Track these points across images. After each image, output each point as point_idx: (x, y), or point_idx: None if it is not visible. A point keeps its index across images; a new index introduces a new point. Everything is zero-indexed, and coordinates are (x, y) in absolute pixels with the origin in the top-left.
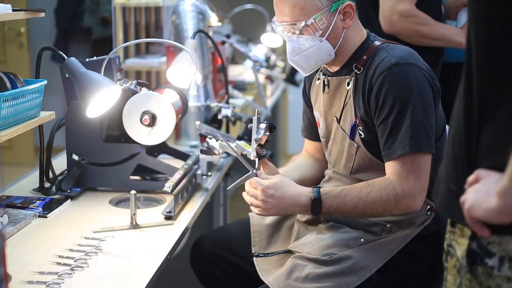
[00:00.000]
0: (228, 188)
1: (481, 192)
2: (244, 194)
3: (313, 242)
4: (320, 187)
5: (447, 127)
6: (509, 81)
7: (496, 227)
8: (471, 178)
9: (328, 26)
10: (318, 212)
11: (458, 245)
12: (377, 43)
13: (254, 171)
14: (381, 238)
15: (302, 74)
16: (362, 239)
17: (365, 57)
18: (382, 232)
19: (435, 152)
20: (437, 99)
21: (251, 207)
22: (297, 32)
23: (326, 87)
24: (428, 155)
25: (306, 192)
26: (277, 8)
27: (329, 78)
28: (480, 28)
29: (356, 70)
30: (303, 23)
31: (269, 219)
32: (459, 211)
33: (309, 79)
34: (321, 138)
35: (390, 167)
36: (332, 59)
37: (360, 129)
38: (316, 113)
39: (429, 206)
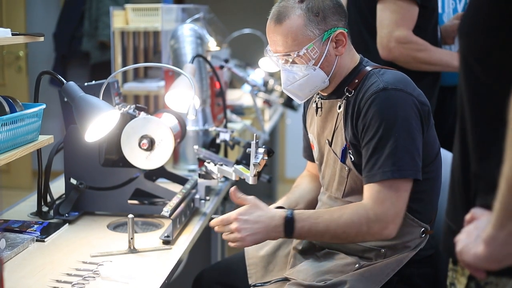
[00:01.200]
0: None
1: (472, 235)
2: (216, 228)
3: (309, 268)
4: (294, 209)
5: (442, 150)
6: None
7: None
8: (467, 217)
9: (321, 54)
10: (291, 233)
11: (459, 284)
12: (368, 68)
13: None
14: (376, 262)
15: (297, 102)
16: (356, 265)
17: (357, 80)
18: (377, 258)
19: (422, 177)
20: (426, 124)
21: (229, 243)
22: (290, 61)
23: (319, 109)
24: (409, 181)
25: (280, 213)
26: (270, 39)
27: (322, 101)
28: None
29: (347, 93)
30: (295, 54)
31: (264, 250)
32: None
33: (308, 102)
34: (315, 161)
35: (367, 190)
36: (326, 86)
37: (350, 152)
38: (310, 136)
39: (423, 229)
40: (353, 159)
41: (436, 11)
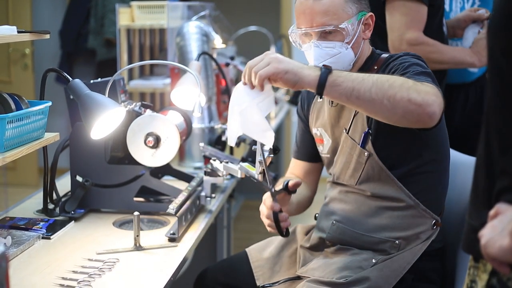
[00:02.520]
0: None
1: (497, 228)
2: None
3: (323, 266)
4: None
5: (451, 150)
6: None
7: None
8: (492, 212)
9: (354, 34)
10: (328, 73)
11: (480, 280)
12: (385, 55)
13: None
14: (392, 256)
15: None
16: (373, 260)
17: (376, 67)
18: (392, 249)
19: (435, 169)
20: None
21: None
22: (325, 38)
23: None
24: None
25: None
26: (306, 14)
27: None
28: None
29: None
30: (337, 26)
31: (268, 252)
32: (479, 245)
33: (307, 99)
34: (323, 155)
35: None
36: (349, 69)
37: (371, 134)
38: (318, 130)
39: (434, 221)
40: (371, 136)
41: (442, 8)
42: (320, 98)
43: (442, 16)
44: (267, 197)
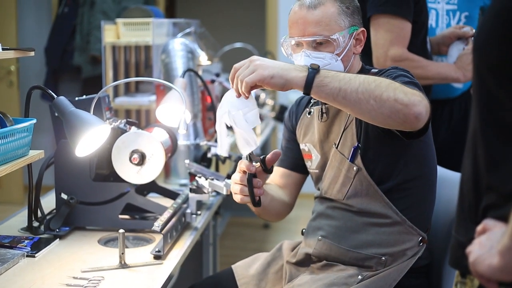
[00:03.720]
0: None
1: (485, 246)
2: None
3: (310, 282)
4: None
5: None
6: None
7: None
8: (479, 228)
9: (345, 47)
10: (315, 72)
11: None
12: (374, 70)
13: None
14: (378, 273)
15: None
16: (359, 276)
17: None
18: (378, 266)
19: (422, 185)
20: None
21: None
22: (320, 44)
23: (325, 115)
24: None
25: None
26: (299, 24)
27: (326, 106)
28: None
29: None
30: (332, 36)
31: (254, 269)
32: (466, 261)
33: (296, 113)
34: (311, 170)
35: None
36: None
37: (361, 149)
38: (306, 146)
39: (420, 237)
40: (361, 151)
41: (426, 25)
42: (311, 101)
43: (426, 33)
44: (242, 161)
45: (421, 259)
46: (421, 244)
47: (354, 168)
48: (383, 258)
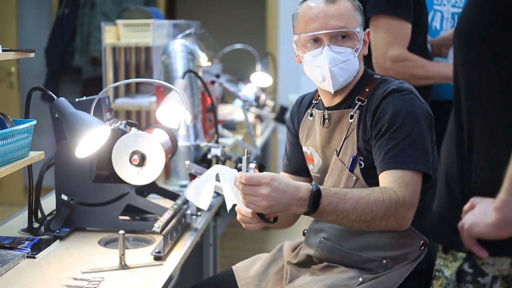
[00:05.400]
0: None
1: (479, 213)
2: (243, 188)
3: (310, 283)
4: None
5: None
6: (492, 112)
7: (492, 250)
8: (466, 206)
9: (362, 43)
10: (317, 207)
11: (448, 268)
12: (377, 76)
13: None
14: (379, 275)
15: (329, 90)
16: (360, 278)
17: (367, 89)
18: (379, 269)
19: (428, 196)
20: (430, 133)
21: (239, 207)
22: (341, 38)
23: (327, 121)
24: (420, 176)
25: (306, 185)
26: (318, 18)
27: (328, 112)
28: (467, 71)
29: (359, 103)
30: (356, 29)
31: (254, 270)
32: (453, 236)
33: (297, 115)
34: (313, 173)
35: (389, 175)
36: (348, 83)
37: (361, 159)
38: (308, 149)
39: (422, 241)
40: (363, 166)
41: (426, 26)
42: (312, 102)
43: (426, 34)
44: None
45: (422, 262)
46: (422, 247)
47: (353, 177)
48: (384, 261)
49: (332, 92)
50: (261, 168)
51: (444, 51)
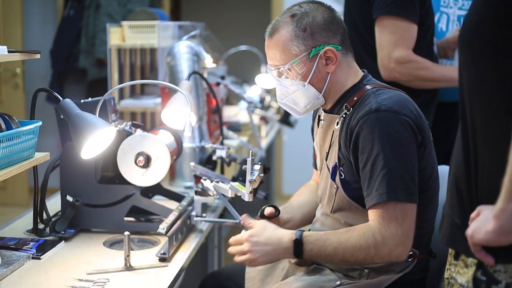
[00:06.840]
0: (196, 219)
1: (481, 220)
2: (229, 249)
3: (292, 281)
4: (303, 230)
5: (440, 167)
6: (494, 115)
7: (501, 257)
8: (473, 214)
9: (309, 71)
10: (301, 255)
11: (460, 275)
12: (368, 87)
13: (239, 220)
14: (357, 282)
15: (295, 116)
16: (337, 282)
17: (356, 98)
18: (361, 278)
19: (418, 201)
20: (421, 147)
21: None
22: (283, 75)
23: (322, 122)
24: (411, 204)
25: (288, 234)
26: (266, 52)
27: (324, 113)
28: (470, 74)
29: (345, 110)
30: (281, 68)
31: None
32: (463, 241)
33: (316, 110)
34: (319, 171)
35: (372, 213)
36: (322, 102)
37: (341, 170)
38: (315, 145)
39: (411, 253)
40: (343, 176)
41: (432, 27)
42: None
43: (432, 35)
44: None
45: (412, 273)
46: (410, 259)
47: (334, 186)
48: (366, 270)
49: (297, 117)
50: (266, 169)
51: (450, 53)
